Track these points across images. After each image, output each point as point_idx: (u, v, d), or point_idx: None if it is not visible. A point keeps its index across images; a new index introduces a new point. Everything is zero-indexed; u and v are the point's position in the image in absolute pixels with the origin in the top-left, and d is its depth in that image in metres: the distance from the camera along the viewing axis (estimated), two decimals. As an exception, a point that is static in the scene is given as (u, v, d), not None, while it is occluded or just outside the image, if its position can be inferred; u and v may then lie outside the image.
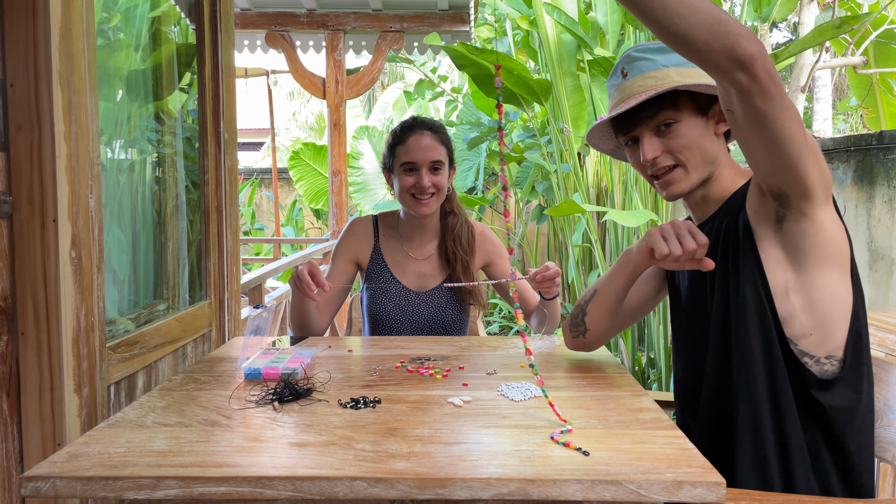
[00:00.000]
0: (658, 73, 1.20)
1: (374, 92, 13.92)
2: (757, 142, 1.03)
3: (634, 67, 1.23)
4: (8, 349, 1.22)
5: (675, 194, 1.24)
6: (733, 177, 1.24)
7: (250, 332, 1.46)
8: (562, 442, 0.96)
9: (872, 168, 3.59)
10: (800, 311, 1.12)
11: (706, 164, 1.21)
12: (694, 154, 1.20)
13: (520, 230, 7.24)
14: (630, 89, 1.22)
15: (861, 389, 1.13)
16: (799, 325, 1.12)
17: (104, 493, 0.86)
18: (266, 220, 9.44)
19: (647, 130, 1.22)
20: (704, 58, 0.96)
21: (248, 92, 15.10)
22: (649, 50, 1.23)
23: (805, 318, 1.12)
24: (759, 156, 1.05)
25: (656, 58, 1.21)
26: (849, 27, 3.02)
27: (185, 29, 1.98)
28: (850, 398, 1.12)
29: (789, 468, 1.13)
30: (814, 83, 5.20)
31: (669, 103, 1.19)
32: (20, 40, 1.20)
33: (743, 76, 0.95)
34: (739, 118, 1.02)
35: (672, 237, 1.11)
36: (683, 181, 1.22)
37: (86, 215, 1.30)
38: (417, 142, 1.77)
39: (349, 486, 0.85)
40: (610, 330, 1.40)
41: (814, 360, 1.12)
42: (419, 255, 1.90)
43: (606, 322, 1.38)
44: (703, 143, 1.21)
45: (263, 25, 4.98)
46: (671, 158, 1.22)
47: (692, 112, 1.20)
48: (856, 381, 1.13)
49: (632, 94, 1.21)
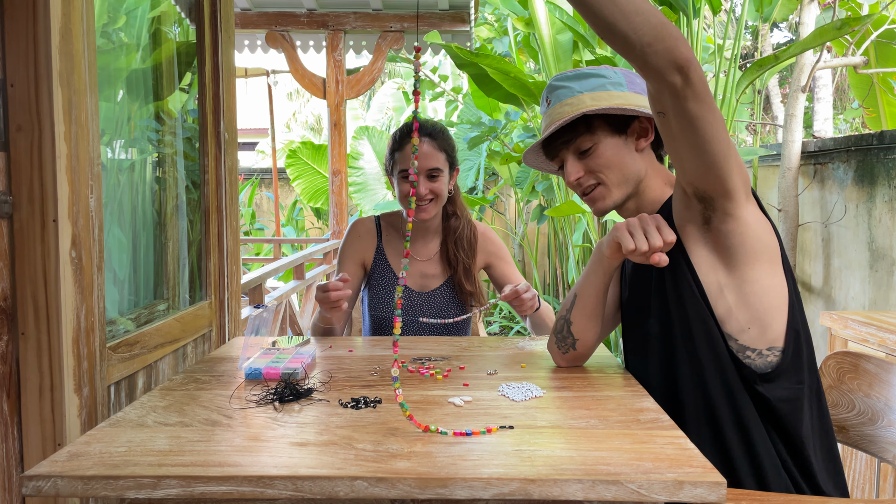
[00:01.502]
0: (573, 99, 1.26)
1: (373, 91, 13.92)
2: (685, 143, 1.07)
3: (555, 96, 1.30)
4: (8, 349, 1.22)
5: (602, 210, 1.30)
6: (663, 186, 1.29)
7: (251, 332, 1.46)
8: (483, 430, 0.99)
9: (873, 168, 3.59)
10: (735, 306, 1.15)
11: (627, 180, 1.27)
12: (614, 172, 1.26)
13: (520, 230, 7.24)
14: (551, 116, 1.29)
15: (803, 379, 1.15)
16: (735, 321, 1.15)
17: (105, 493, 0.86)
18: (266, 220, 9.44)
19: (568, 154, 1.29)
20: (643, 59, 1.00)
21: (248, 92, 15.10)
22: (567, 78, 1.29)
23: (741, 314, 1.15)
24: (687, 157, 1.09)
25: (572, 85, 1.28)
26: (850, 28, 3.02)
27: (185, 29, 1.98)
28: (794, 389, 1.14)
29: (756, 461, 1.14)
30: (814, 83, 5.20)
31: (585, 128, 1.26)
32: (20, 40, 1.20)
33: (679, 78, 0.99)
34: (671, 119, 1.06)
35: (638, 232, 1.12)
36: (607, 198, 1.28)
37: (86, 215, 1.30)
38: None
39: (350, 485, 0.85)
40: (598, 335, 1.36)
41: (756, 352, 1.15)
42: (421, 256, 1.90)
43: (593, 327, 1.34)
44: (623, 161, 1.26)
45: (264, 25, 4.98)
46: (593, 178, 1.28)
47: (608, 133, 1.26)
48: (797, 370, 1.15)
49: (552, 122, 1.28)
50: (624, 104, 1.24)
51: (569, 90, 1.28)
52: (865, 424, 1.28)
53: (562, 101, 1.28)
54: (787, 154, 4.07)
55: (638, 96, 1.26)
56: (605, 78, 1.27)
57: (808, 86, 4.02)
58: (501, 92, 4.32)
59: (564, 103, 1.27)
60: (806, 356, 1.17)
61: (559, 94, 1.29)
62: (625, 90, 1.27)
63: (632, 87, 1.28)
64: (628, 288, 1.36)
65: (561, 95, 1.28)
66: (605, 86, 1.26)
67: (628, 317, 1.36)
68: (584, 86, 1.27)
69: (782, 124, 4.23)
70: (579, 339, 1.34)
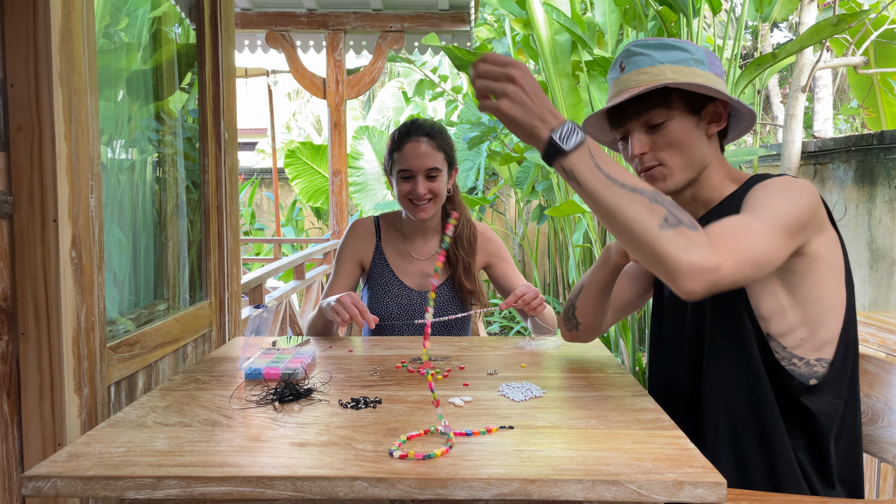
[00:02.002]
0: (653, 69, 1.18)
1: (374, 91, 13.92)
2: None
3: (631, 62, 1.21)
4: (8, 349, 1.22)
5: (660, 191, 1.22)
6: (723, 179, 1.23)
7: (251, 332, 1.46)
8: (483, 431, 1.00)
9: (873, 168, 3.59)
10: (788, 307, 1.13)
11: (692, 164, 1.20)
12: (681, 154, 1.19)
13: (520, 230, 7.24)
14: (625, 83, 1.21)
15: (843, 394, 1.13)
16: (787, 322, 1.13)
17: (105, 493, 0.86)
18: (266, 220, 9.44)
19: (637, 126, 1.20)
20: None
21: (249, 92, 15.11)
22: (648, 46, 1.21)
23: (793, 315, 1.13)
24: None
25: (653, 54, 1.19)
26: (846, 25, 3.01)
27: (185, 29, 1.98)
28: (833, 403, 1.13)
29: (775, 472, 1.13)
30: (814, 83, 5.20)
31: (661, 101, 1.18)
32: (20, 40, 1.20)
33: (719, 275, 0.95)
34: None
35: None
36: (668, 179, 1.20)
37: (86, 215, 1.30)
38: (414, 149, 1.77)
39: (350, 485, 0.85)
40: (601, 323, 1.44)
41: (803, 361, 1.13)
42: (421, 255, 1.90)
43: (596, 315, 1.43)
44: (692, 144, 1.19)
45: (264, 25, 4.98)
46: (657, 157, 1.20)
47: (683, 111, 1.19)
48: (839, 385, 1.13)
49: (626, 89, 1.20)
50: (706, 83, 1.16)
51: (649, 58, 1.19)
52: (865, 425, 1.28)
53: (640, 69, 1.19)
54: (787, 154, 4.07)
55: (717, 78, 1.19)
56: (687, 53, 1.19)
57: (808, 86, 4.02)
58: (501, 92, 4.32)
59: (642, 71, 1.18)
60: (850, 373, 1.14)
61: (637, 60, 1.20)
62: (706, 69, 1.18)
63: (712, 67, 1.20)
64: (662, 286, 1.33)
65: (639, 63, 1.19)
66: (687, 61, 1.18)
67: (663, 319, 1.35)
68: (665, 56, 1.18)
69: (782, 124, 4.23)
70: (582, 322, 1.44)
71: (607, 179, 0.97)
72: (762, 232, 1.01)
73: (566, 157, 0.97)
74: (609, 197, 0.96)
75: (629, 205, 0.95)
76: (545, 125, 0.98)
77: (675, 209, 0.96)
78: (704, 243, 0.95)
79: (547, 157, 0.99)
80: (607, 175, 0.97)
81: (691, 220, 0.96)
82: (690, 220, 0.97)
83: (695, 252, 0.93)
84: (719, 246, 0.96)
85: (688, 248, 0.93)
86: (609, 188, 0.96)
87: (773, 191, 1.09)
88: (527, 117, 0.98)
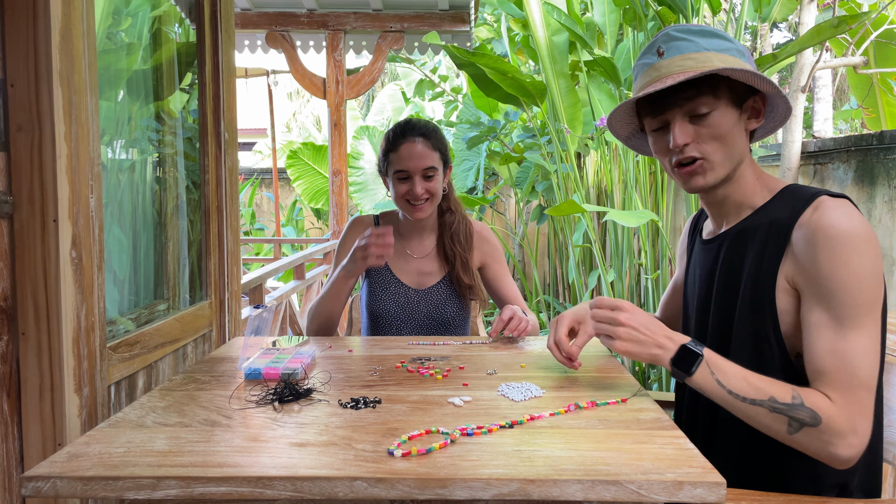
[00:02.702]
0: (699, 55, 1.12)
1: (373, 91, 13.92)
2: None
3: (673, 47, 1.14)
4: (8, 349, 1.22)
5: (699, 187, 1.18)
6: (755, 183, 1.19)
7: (250, 332, 1.46)
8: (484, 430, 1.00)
9: (873, 168, 3.59)
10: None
11: (731, 158, 1.16)
12: (723, 146, 1.14)
13: (520, 230, 7.24)
14: (667, 69, 1.13)
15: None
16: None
17: (104, 493, 0.86)
18: (266, 220, 9.44)
19: (679, 115, 1.14)
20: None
21: (249, 91, 15.10)
22: (690, 31, 1.15)
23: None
24: None
25: (697, 40, 1.13)
26: (847, 26, 3.01)
27: (185, 29, 1.98)
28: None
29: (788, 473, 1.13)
30: (814, 83, 5.20)
31: (708, 88, 1.12)
32: (20, 40, 1.20)
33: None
34: None
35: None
36: (709, 174, 1.16)
37: (86, 215, 1.30)
38: (410, 150, 1.77)
39: (349, 486, 0.85)
40: None
41: None
42: (418, 253, 1.91)
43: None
44: (734, 137, 1.14)
45: (264, 25, 4.98)
46: (698, 150, 1.15)
47: (729, 102, 1.14)
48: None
49: (669, 74, 1.13)
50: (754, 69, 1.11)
51: (693, 44, 1.13)
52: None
53: (683, 54, 1.13)
54: (787, 154, 4.07)
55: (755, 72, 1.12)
56: (730, 42, 1.14)
57: (807, 86, 4.02)
58: (501, 92, 4.33)
59: (687, 56, 1.12)
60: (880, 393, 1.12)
61: (679, 45, 1.14)
62: (747, 61, 1.14)
63: (749, 59, 1.15)
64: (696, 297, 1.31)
65: (682, 48, 1.13)
66: (731, 50, 1.13)
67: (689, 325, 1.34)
68: (710, 44, 1.13)
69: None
70: None
71: (728, 395, 1.06)
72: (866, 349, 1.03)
73: (690, 378, 1.08)
74: (736, 411, 1.06)
75: (755, 417, 1.05)
76: (665, 352, 1.10)
77: (793, 410, 1.02)
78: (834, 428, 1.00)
79: (675, 377, 1.10)
80: (729, 391, 1.05)
81: (811, 414, 1.01)
82: (810, 413, 1.01)
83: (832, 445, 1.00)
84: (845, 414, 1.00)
85: (824, 445, 1.01)
86: (732, 404, 1.06)
87: (844, 264, 1.04)
88: (642, 350, 1.11)
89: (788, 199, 1.14)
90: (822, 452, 1.01)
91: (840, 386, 1.02)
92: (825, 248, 1.05)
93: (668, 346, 1.09)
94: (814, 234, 1.06)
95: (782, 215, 1.12)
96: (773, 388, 1.04)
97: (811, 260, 1.06)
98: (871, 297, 1.04)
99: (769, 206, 1.17)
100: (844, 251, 1.04)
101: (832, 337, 1.04)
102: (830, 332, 1.04)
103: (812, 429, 1.00)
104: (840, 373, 1.02)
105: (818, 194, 1.10)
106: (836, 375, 1.02)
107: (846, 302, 1.03)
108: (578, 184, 4.44)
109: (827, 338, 1.04)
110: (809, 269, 1.06)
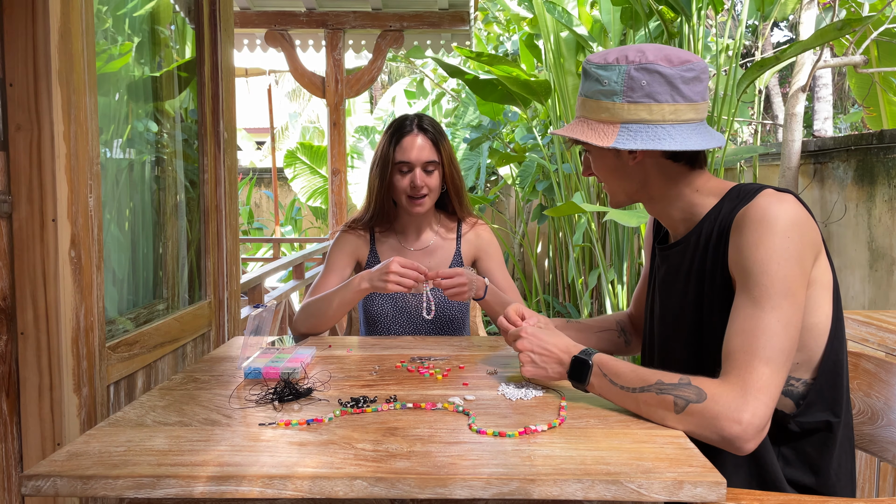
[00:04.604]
0: (579, 99, 1.20)
1: (372, 93, 13.92)
2: None
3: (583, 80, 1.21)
4: (7, 349, 1.22)
5: (613, 205, 1.28)
6: (695, 195, 1.18)
7: (250, 331, 1.46)
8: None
9: (873, 167, 3.59)
10: None
11: (626, 191, 1.22)
12: (609, 182, 1.23)
13: (520, 230, 7.24)
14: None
15: (840, 412, 1.11)
16: None
17: (104, 492, 0.86)
18: (265, 219, 9.43)
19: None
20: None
21: (249, 91, 15.10)
22: (590, 64, 1.17)
23: None
24: None
25: (585, 81, 1.17)
26: (850, 29, 3.02)
27: (184, 29, 1.98)
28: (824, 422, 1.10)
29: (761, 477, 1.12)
30: (815, 82, 5.20)
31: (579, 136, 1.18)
32: (20, 40, 1.20)
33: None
34: None
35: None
36: (612, 198, 1.26)
37: (85, 215, 1.30)
38: (411, 143, 1.77)
39: (349, 485, 0.85)
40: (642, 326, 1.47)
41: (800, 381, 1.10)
42: (416, 247, 1.89)
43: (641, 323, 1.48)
44: (614, 174, 1.21)
45: (263, 24, 4.97)
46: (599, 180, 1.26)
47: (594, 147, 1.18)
48: (834, 402, 1.10)
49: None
50: (609, 119, 1.12)
51: (583, 83, 1.19)
52: (865, 424, 1.27)
53: (579, 94, 1.21)
54: (788, 153, 4.07)
55: (632, 107, 1.10)
56: (600, 84, 1.13)
57: (808, 85, 4.02)
58: (497, 94, 4.34)
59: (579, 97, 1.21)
60: (845, 391, 1.12)
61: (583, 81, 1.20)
62: (618, 100, 1.12)
63: (629, 95, 1.11)
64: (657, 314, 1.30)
65: (581, 87, 1.20)
66: (596, 95, 1.14)
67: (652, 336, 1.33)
68: (584, 88, 1.17)
69: (782, 123, 4.23)
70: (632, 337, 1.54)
71: (621, 390, 1.07)
72: (773, 329, 1.00)
73: (590, 387, 1.12)
74: (630, 405, 1.07)
75: (646, 408, 1.05)
76: (565, 367, 1.15)
77: (678, 388, 1.01)
78: (720, 404, 0.97)
79: (577, 388, 1.15)
80: (620, 386, 1.08)
81: (696, 391, 1.00)
82: (695, 390, 1.00)
83: (719, 422, 0.97)
84: (735, 391, 0.98)
85: (710, 423, 0.98)
86: (626, 398, 1.07)
87: (765, 245, 1.03)
88: (545, 371, 1.17)
89: (734, 198, 1.14)
90: (711, 433, 0.98)
91: (736, 364, 1.00)
92: (749, 229, 1.06)
93: (565, 360, 1.15)
94: (743, 219, 1.07)
95: (727, 213, 1.13)
96: (662, 374, 1.04)
97: (737, 244, 1.07)
98: (791, 280, 1.02)
99: (716, 208, 1.16)
100: (766, 232, 1.04)
101: (744, 318, 1.02)
102: (744, 313, 1.03)
103: (697, 405, 0.98)
104: (740, 351, 1.00)
105: (762, 189, 1.11)
106: (735, 354, 1.01)
107: (762, 282, 1.02)
108: (581, 183, 4.44)
109: (740, 319, 1.03)
110: (735, 253, 1.07)
